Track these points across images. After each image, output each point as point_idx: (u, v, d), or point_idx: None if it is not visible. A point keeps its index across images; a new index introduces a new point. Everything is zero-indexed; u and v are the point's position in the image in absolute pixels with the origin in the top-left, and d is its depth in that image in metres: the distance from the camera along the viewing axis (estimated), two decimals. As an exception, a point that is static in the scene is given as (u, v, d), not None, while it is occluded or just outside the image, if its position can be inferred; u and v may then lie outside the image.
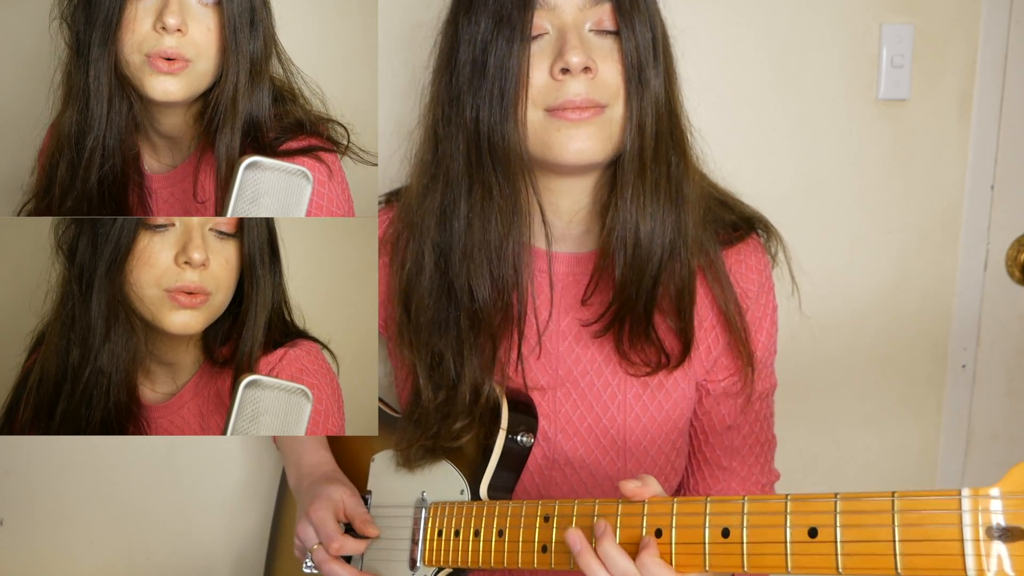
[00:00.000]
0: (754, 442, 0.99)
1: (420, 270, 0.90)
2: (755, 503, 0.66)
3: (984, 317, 1.43)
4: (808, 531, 0.62)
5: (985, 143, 1.38)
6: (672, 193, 0.85)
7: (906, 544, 0.58)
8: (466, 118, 0.84)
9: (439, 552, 0.89)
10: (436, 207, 0.88)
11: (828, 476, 1.45)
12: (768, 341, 0.96)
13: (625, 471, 0.95)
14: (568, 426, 0.94)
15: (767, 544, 0.65)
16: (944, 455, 1.47)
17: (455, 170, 0.86)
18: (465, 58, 0.84)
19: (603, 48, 0.83)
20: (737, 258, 0.94)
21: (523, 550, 0.81)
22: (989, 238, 1.42)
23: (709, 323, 0.93)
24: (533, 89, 0.82)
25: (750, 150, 1.34)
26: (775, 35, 1.32)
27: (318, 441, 1.07)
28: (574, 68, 0.80)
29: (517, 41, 0.81)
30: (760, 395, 0.98)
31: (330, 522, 0.92)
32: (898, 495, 0.59)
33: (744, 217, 0.96)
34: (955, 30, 1.35)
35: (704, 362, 0.95)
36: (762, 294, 0.95)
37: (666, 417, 0.95)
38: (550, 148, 0.83)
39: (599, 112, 0.82)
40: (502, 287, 0.87)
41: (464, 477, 0.90)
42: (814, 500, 0.63)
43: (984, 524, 0.55)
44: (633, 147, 0.83)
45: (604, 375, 0.94)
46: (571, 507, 0.78)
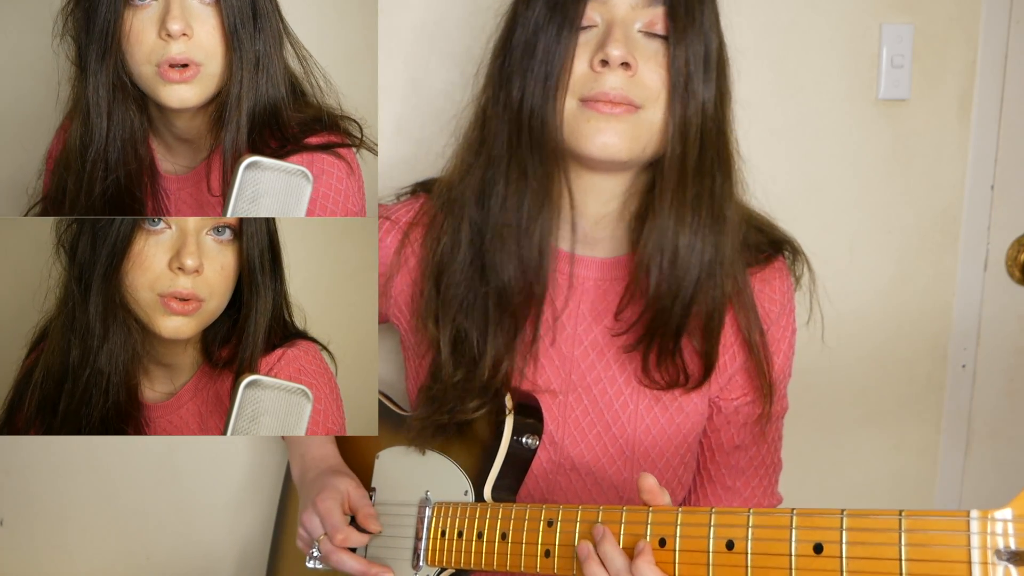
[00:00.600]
0: (760, 464, 0.99)
1: (456, 245, 0.91)
2: (760, 516, 0.65)
3: (984, 317, 1.43)
4: (813, 546, 0.62)
5: (985, 143, 1.38)
6: (714, 211, 0.85)
7: (912, 564, 0.57)
8: (512, 98, 0.85)
9: (442, 552, 0.89)
10: (476, 184, 0.89)
11: (828, 476, 1.45)
12: (784, 364, 0.96)
13: (632, 481, 0.94)
14: (577, 432, 0.94)
15: (771, 557, 0.64)
16: (944, 455, 1.47)
17: (498, 148, 0.87)
18: (519, 40, 0.85)
19: (648, 49, 0.83)
20: (761, 279, 0.94)
21: (526, 553, 0.80)
22: (989, 238, 1.42)
23: (727, 342, 0.93)
24: (573, 77, 0.83)
25: (750, 150, 1.33)
26: (775, 35, 1.32)
27: (324, 435, 1.07)
28: (613, 61, 0.81)
29: (566, 29, 0.82)
30: (771, 418, 0.97)
31: (336, 513, 0.92)
32: (905, 514, 0.58)
33: (773, 240, 0.96)
34: (955, 30, 1.35)
35: (719, 379, 0.94)
36: (783, 316, 0.95)
37: (676, 430, 0.94)
38: (577, 138, 0.83)
39: (632, 111, 0.82)
40: (526, 267, 0.87)
41: (468, 478, 0.90)
42: (820, 515, 0.62)
43: (992, 547, 0.54)
44: (674, 152, 0.83)
45: (617, 383, 0.93)
46: (575, 512, 0.77)
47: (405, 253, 0.97)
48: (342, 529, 0.91)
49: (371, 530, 0.93)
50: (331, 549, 0.91)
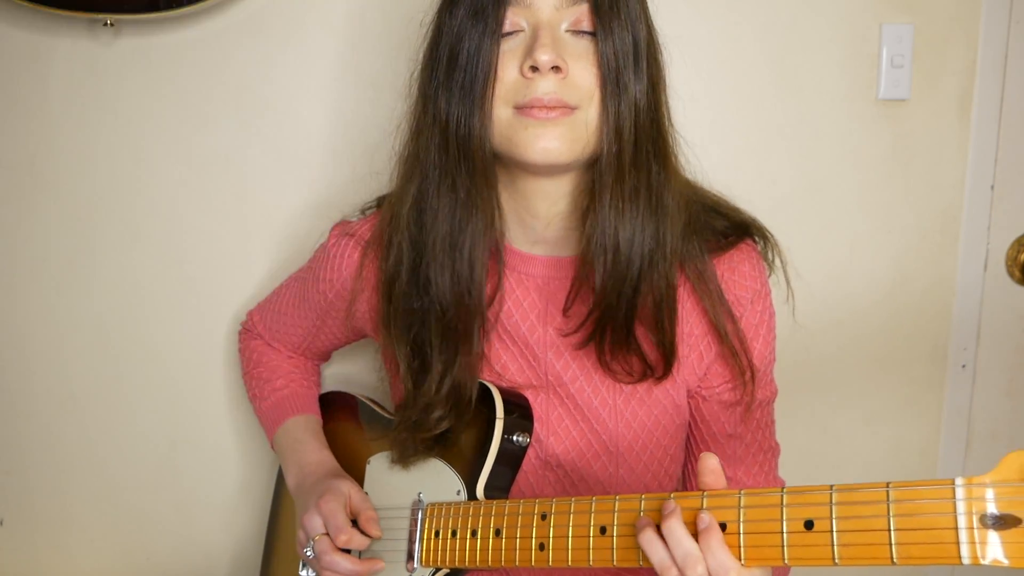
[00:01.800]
0: (756, 450, 0.98)
1: (399, 263, 0.91)
2: (751, 496, 0.66)
3: (984, 317, 1.43)
4: (804, 523, 0.63)
5: (985, 143, 1.38)
6: (652, 201, 0.85)
7: (901, 534, 0.58)
8: (440, 110, 0.84)
9: (436, 552, 0.89)
10: (412, 200, 0.89)
11: (828, 476, 1.44)
12: (765, 349, 0.95)
13: (617, 476, 0.95)
14: (560, 429, 0.94)
15: (763, 536, 0.65)
16: (944, 455, 1.47)
17: (429, 163, 0.87)
18: (444, 50, 0.84)
19: (578, 48, 0.82)
20: (729, 265, 0.93)
21: (520, 547, 0.81)
22: (989, 238, 1.42)
23: (700, 332, 0.93)
24: (503, 86, 0.82)
25: (750, 150, 1.34)
26: (775, 35, 1.32)
27: (319, 442, 1.07)
28: (543, 66, 0.80)
29: (489, 36, 0.81)
30: (760, 403, 0.97)
31: (340, 514, 0.92)
32: (892, 485, 0.59)
33: (736, 223, 0.95)
34: (955, 30, 1.35)
35: (696, 370, 0.94)
36: (757, 300, 0.94)
37: (656, 423, 0.94)
38: (516, 146, 0.83)
39: (568, 113, 0.82)
40: (459, 280, 0.87)
41: (460, 477, 0.90)
42: (810, 492, 0.63)
43: (978, 512, 0.56)
44: (610, 151, 0.83)
45: (594, 381, 0.93)
46: (568, 504, 0.78)
47: (366, 270, 0.98)
48: (345, 530, 0.91)
49: (372, 535, 0.93)
50: (325, 549, 0.91)
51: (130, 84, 1.26)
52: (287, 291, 1.12)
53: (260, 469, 1.38)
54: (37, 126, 1.28)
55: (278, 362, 1.15)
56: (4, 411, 1.36)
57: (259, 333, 1.17)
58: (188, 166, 1.29)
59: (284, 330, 1.13)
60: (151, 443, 1.37)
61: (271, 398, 1.12)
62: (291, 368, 1.15)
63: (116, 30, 1.24)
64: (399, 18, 1.26)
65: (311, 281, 1.05)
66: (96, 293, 1.32)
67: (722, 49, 1.31)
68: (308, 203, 1.30)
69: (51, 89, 1.26)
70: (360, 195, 1.11)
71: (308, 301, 1.07)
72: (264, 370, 1.15)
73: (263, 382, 1.14)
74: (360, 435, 1.08)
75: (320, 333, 1.10)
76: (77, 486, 1.38)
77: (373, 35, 1.27)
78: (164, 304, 1.33)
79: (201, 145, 1.29)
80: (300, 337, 1.12)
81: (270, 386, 1.13)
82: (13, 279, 1.32)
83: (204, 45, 1.26)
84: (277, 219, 1.31)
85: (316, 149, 1.30)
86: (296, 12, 1.26)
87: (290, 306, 1.11)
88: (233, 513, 1.39)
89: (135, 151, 1.28)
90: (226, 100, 1.28)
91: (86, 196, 1.30)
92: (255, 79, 1.27)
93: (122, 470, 1.37)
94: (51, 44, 1.25)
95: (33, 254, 1.31)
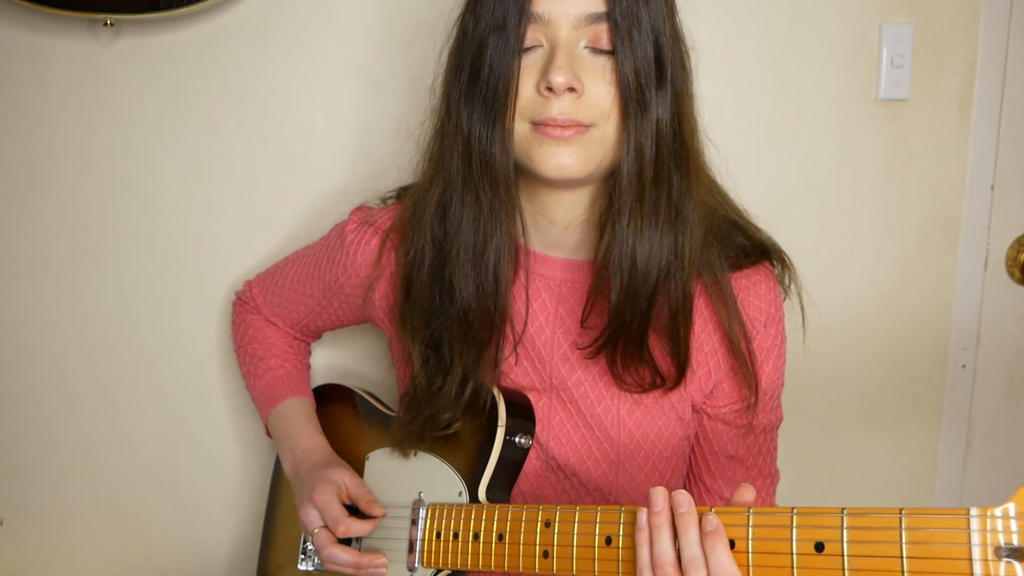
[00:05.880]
0: (756, 475, 0.98)
1: (421, 263, 0.91)
2: (761, 516, 0.65)
3: (984, 317, 1.43)
4: (815, 545, 0.62)
5: (985, 143, 1.38)
6: (671, 215, 0.84)
7: (913, 562, 0.57)
8: (462, 120, 0.84)
9: (438, 553, 0.89)
10: (436, 206, 0.89)
11: (828, 476, 1.45)
12: (774, 373, 0.94)
13: (617, 484, 0.94)
14: (561, 434, 0.94)
15: (773, 556, 0.64)
16: (944, 455, 1.47)
17: (452, 169, 0.87)
18: (467, 58, 0.84)
19: (595, 67, 0.81)
20: (746, 283, 0.92)
21: (524, 554, 0.80)
22: (989, 238, 1.42)
23: (711, 347, 0.92)
24: (521, 101, 0.82)
25: (750, 150, 1.34)
26: (775, 35, 1.32)
27: (312, 427, 1.07)
28: (557, 88, 0.79)
29: (510, 53, 0.81)
30: (764, 428, 0.96)
31: (335, 505, 0.92)
32: (906, 512, 0.58)
33: (756, 243, 0.94)
34: (955, 30, 1.34)
35: (703, 387, 0.93)
36: (771, 324, 0.93)
37: (658, 434, 0.94)
38: (533, 161, 0.83)
39: (583, 131, 0.81)
40: (484, 294, 0.88)
41: (462, 479, 0.90)
42: (821, 514, 0.62)
43: (992, 544, 0.54)
44: (631, 170, 0.82)
45: (599, 388, 0.93)
46: (572, 513, 0.77)
47: (384, 259, 0.97)
48: (343, 520, 0.91)
49: (375, 514, 0.92)
50: (324, 543, 0.91)
51: (130, 84, 1.27)
52: (293, 267, 1.11)
53: (259, 467, 1.38)
54: (37, 126, 1.28)
55: (274, 340, 1.14)
56: (3, 411, 1.36)
57: (257, 306, 1.15)
58: (187, 166, 1.29)
59: (285, 305, 1.12)
60: (150, 442, 1.37)
61: (265, 376, 1.12)
62: (286, 348, 1.14)
63: (116, 30, 1.24)
64: (399, 18, 1.26)
65: (324, 261, 1.05)
66: (95, 292, 1.32)
67: (722, 49, 1.31)
68: (308, 203, 1.30)
69: (51, 89, 1.26)
70: (360, 195, 1.11)
71: (317, 279, 1.06)
72: (259, 347, 1.14)
73: (258, 359, 1.13)
74: (358, 431, 1.08)
75: (324, 312, 1.09)
76: (76, 485, 1.38)
77: (373, 35, 1.27)
78: (163, 304, 1.33)
79: (200, 145, 1.29)
80: (301, 314, 1.11)
81: (264, 364, 1.12)
82: (12, 279, 1.32)
83: (204, 45, 1.26)
84: (276, 219, 1.31)
85: (315, 149, 1.30)
86: (296, 12, 1.26)
87: (296, 282, 1.10)
88: (232, 511, 1.39)
89: (135, 151, 1.29)
90: (225, 100, 1.28)
91: (85, 196, 1.30)
92: (255, 79, 1.27)
93: (121, 469, 1.37)
94: (51, 44, 1.25)
95: (32, 254, 1.31)
